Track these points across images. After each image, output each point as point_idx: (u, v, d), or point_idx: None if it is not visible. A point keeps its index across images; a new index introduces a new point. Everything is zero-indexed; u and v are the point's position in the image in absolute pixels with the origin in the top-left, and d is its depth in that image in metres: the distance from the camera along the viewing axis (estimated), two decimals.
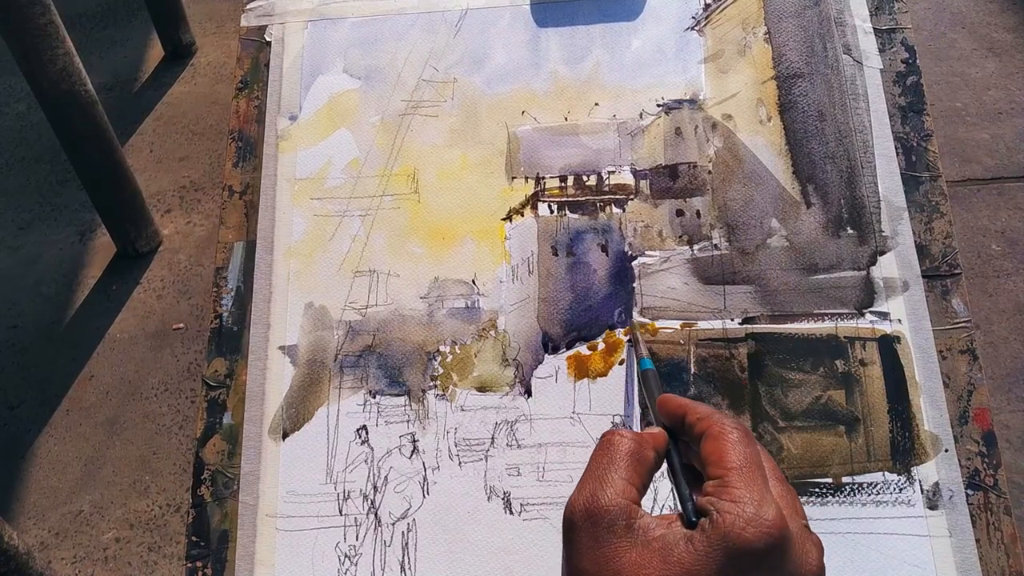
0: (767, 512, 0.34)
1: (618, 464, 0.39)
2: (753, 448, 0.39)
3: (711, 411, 0.42)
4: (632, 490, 0.38)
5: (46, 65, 2.00)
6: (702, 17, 0.79)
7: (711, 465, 0.38)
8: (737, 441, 0.39)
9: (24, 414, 2.12)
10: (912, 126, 0.73)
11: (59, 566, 1.83)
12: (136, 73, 3.04)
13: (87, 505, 1.93)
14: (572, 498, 0.39)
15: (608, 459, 0.40)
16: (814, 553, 0.36)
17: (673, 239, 0.72)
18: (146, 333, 2.26)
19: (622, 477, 0.39)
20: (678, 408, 0.43)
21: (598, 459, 0.40)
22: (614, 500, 0.37)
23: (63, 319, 2.32)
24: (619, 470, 0.39)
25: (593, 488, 0.38)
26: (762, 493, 0.36)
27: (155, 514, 1.89)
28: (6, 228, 2.57)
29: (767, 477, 0.38)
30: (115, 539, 1.86)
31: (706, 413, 0.42)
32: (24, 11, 1.90)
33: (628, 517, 0.37)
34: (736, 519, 0.34)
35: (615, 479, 0.38)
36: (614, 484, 0.38)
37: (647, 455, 0.41)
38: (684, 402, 0.44)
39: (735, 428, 0.40)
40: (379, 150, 0.78)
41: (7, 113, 2.95)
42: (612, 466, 0.39)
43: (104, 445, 2.04)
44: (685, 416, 0.42)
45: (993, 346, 2.00)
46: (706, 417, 0.41)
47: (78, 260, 2.47)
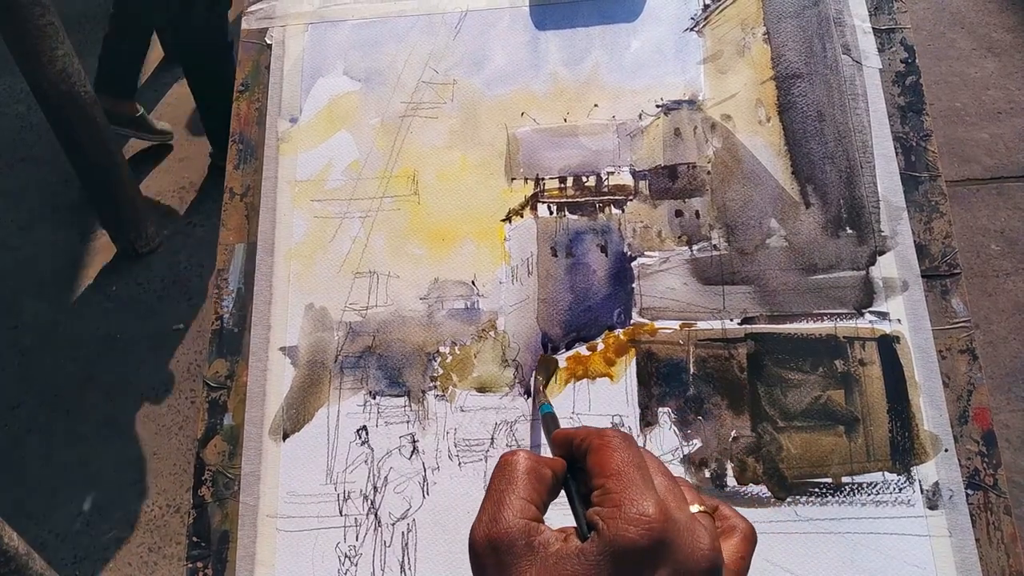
0: (646, 508, 0.35)
1: (516, 484, 0.40)
2: (631, 451, 0.39)
3: (591, 429, 0.43)
4: (531, 508, 0.39)
5: (46, 66, 1.99)
6: (701, 18, 0.79)
7: (593, 476, 0.39)
8: (615, 448, 0.39)
9: (24, 414, 2.12)
10: (911, 126, 0.73)
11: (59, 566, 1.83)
12: None
13: (87, 505, 1.93)
14: (473, 526, 0.39)
15: (505, 480, 0.40)
16: (705, 537, 0.36)
17: (672, 239, 0.72)
18: (146, 333, 2.26)
19: (520, 496, 0.39)
20: (564, 437, 0.44)
21: (495, 482, 0.40)
22: (513, 522, 0.38)
23: (63, 319, 2.32)
24: (517, 490, 0.39)
25: (492, 513, 0.38)
26: (640, 491, 0.36)
27: (155, 514, 1.90)
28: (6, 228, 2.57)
29: (649, 475, 0.38)
30: (115, 539, 1.86)
31: (585, 432, 0.42)
32: (24, 11, 1.90)
33: (528, 535, 0.37)
34: (617, 522, 0.35)
35: (513, 500, 0.39)
36: (512, 505, 0.38)
37: (545, 473, 0.41)
38: (568, 430, 0.45)
39: (613, 436, 0.40)
40: (379, 152, 0.78)
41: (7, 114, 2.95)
42: (509, 487, 0.39)
43: (104, 445, 2.04)
44: (572, 441, 0.43)
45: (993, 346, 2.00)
46: (586, 435, 0.42)
47: (78, 260, 2.47)
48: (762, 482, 0.65)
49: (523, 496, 0.39)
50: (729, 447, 0.66)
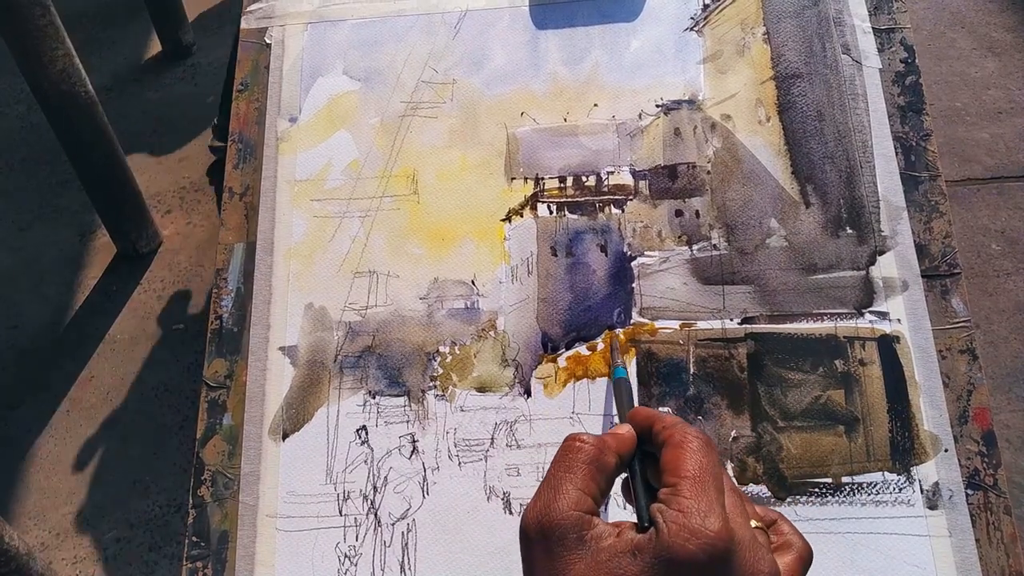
0: (712, 523, 0.35)
1: (575, 472, 0.39)
2: (711, 457, 0.39)
3: (677, 421, 0.42)
4: (587, 500, 0.38)
5: (46, 66, 1.99)
6: (701, 18, 0.79)
7: (667, 473, 0.38)
8: (696, 450, 0.39)
9: (24, 414, 2.12)
10: (911, 126, 0.73)
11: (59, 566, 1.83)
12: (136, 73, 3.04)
13: (87, 505, 1.93)
14: (526, 510, 0.39)
15: (565, 467, 0.39)
16: (766, 559, 0.36)
17: (672, 239, 0.72)
18: (146, 334, 2.26)
19: (577, 487, 0.38)
20: (646, 418, 0.43)
21: (556, 467, 0.40)
22: (566, 512, 0.37)
23: (63, 320, 2.32)
24: (575, 479, 0.39)
25: (547, 500, 0.38)
26: (710, 503, 0.36)
27: (155, 514, 1.89)
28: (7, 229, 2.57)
29: (722, 488, 0.38)
30: (115, 539, 1.86)
31: (671, 422, 0.42)
32: (24, 11, 1.90)
33: (580, 529, 0.37)
34: (680, 530, 0.35)
35: (569, 489, 0.38)
36: (568, 495, 0.38)
37: (607, 461, 0.40)
38: (652, 412, 0.44)
39: (696, 437, 0.40)
40: (379, 151, 0.78)
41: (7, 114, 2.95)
42: (568, 475, 0.39)
43: (104, 445, 2.04)
44: (652, 426, 0.42)
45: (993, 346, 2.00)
46: (671, 426, 0.41)
47: (78, 261, 2.47)
48: (762, 482, 0.65)
49: (580, 486, 0.38)
50: (729, 447, 0.66)
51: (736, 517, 0.36)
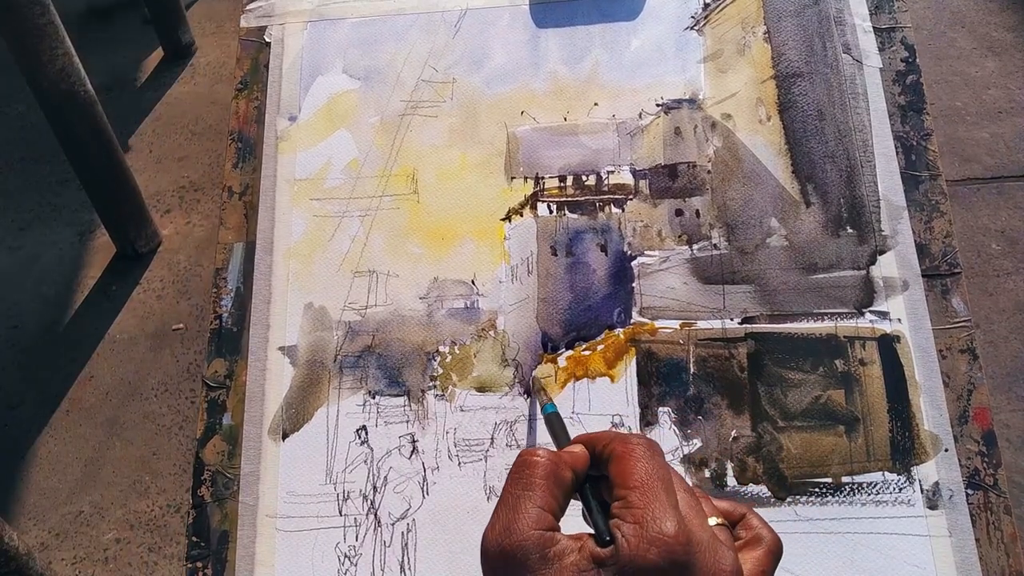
0: (667, 528, 0.34)
1: (532, 489, 0.38)
2: (655, 461, 0.38)
3: (615, 434, 0.41)
4: (547, 517, 0.37)
5: (46, 65, 1.99)
6: (701, 17, 0.79)
7: (616, 486, 0.38)
8: (640, 457, 0.38)
9: (24, 414, 2.12)
10: (912, 125, 0.73)
11: (59, 567, 1.83)
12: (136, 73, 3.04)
13: (87, 505, 1.93)
14: (485, 533, 0.37)
15: (522, 484, 0.38)
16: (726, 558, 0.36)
17: (672, 239, 0.72)
18: (146, 333, 2.26)
19: (536, 504, 0.37)
20: (587, 441, 0.43)
21: (512, 484, 0.39)
22: (527, 532, 0.36)
23: (63, 319, 2.32)
24: (533, 496, 0.38)
25: (506, 521, 0.37)
26: (663, 508, 0.35)
27: (155, 514, 1.89)
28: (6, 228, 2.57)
29: (672, 489, 0.37)
30: (115, 539, 1.86)
31: (610, 436, 0.41)
32: (24, 11, 1.90)
33: (543, 548, 0.36)
34: (639, 541, 0.34)
35: (528, 507, 0.37)
36: (528, 514, 0.37)
37: (564, 475, 0.40)
38: (590, 434, 0.43)
39: (637, 444, 0.39)
40: (378, 150, 0.78)
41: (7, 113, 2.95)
42: (526, 492, 0.38)
43: (104, 445, 2.04)
44: (595, 446, 0.42)
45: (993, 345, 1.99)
46: (611, 440, 0.41)
47: (78, 260, 2.47)
48: (762, 482, 0.65)
49: (539, 504, 0.38)
50: (729, 447, 0.66)
51: (692, 517, 0.36)
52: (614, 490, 0.38)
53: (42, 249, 2.51)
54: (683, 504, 0.37)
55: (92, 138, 2.16)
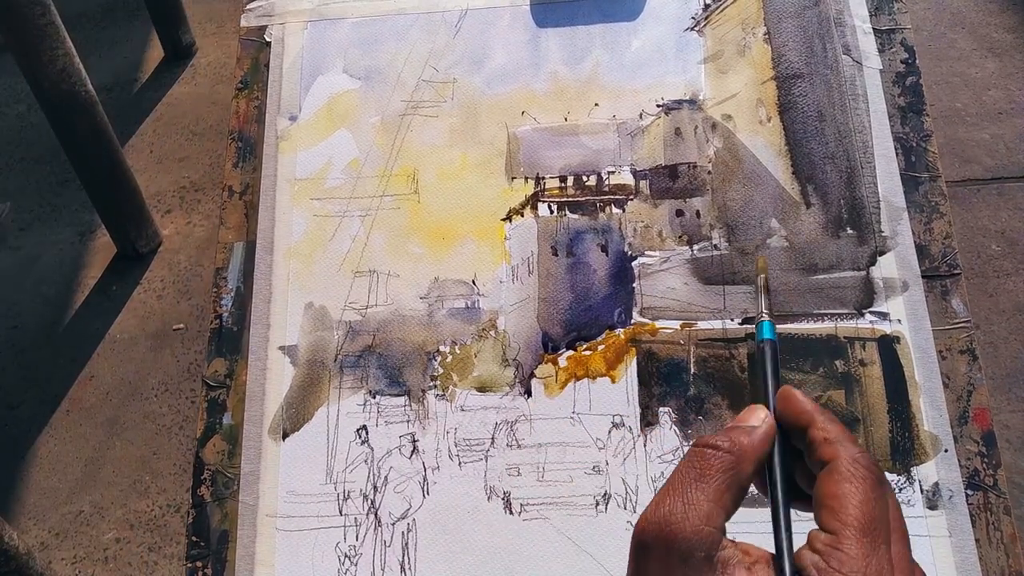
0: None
1: (708, 482, 0.34)
2: (882, 502, 0.33)
3: (841, 433, 0.35)
4: (719, 515, 0.33)
5: (46, 65, 1.99)
6: (702, 17, 0.79)
7: (826, 511, 0.32)
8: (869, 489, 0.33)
9: (24, 414, 2.12)
10: (912, 126, 0.73)
11: (59, 566, 1.83)
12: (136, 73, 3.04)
13: (87, 505, 1.93)
14: (648, 512, 0.34)
15: (696, 474, 0.34)
16: None
17: (673, 239, 0.72)
18: (146, 333, 2.26)
19: (710, 499, 0.33)
20: (801, 415, 0.37)
21: (684, 472, 0.34)
22: (695, 527, 0.32)
23: (63, 319, 2.32)
24: (707, 489, 0.33)
25: (672, 509, 0.33)
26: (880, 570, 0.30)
27: (155, 514, 1.89)
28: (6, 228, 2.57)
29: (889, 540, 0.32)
30: (115, 539, 1.86)
31: (836, 435, 0.35)
32: (24, 11, 1.90)
33: (709, 548, 0.32)
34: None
35: (701, 501, 0.33)
36: (698, 507, 0.33)
37: (745, 470, 0.35)
38: (810, 409, 0.37)
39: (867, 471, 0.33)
40: (379, 150, 0.78)
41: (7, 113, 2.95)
42: (699, 484, 0.34)
43: (104, 445, 2.03)
44: (809, 428, 0.36)
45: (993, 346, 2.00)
46: (835, 441, 0.35)
47: (78, 260, 2.47)
48: None
49: (713, 499, 0.33)
50: None
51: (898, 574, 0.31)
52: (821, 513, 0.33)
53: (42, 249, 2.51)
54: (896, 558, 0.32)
55: (92, 138, 2.16)
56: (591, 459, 0.66)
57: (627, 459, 0.66)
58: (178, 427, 2.05)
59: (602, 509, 0.65)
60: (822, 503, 0.33)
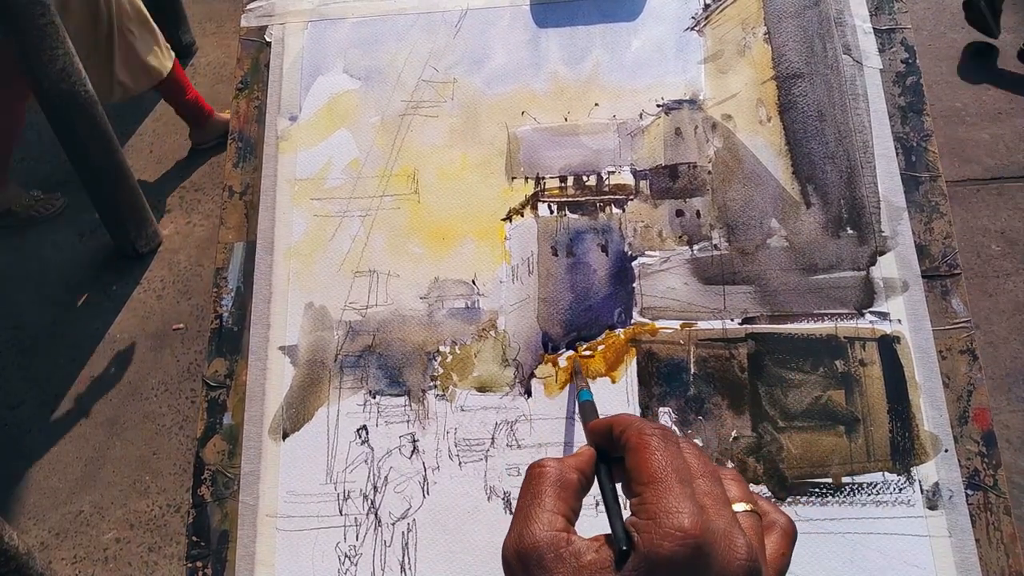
0: (682, 520, 0.35)
1: (541, 496, 0.39)
2: (669, 452, 0.38)
3: (631, 420, 0.41)
4: (558, 519, 0.38)
5: (46, 65, 1.99)
6: (702, 17, 0.79)
7: (632, 482, 0.38)
8: (655, 448, 0.38)
9: (24, 414, 2.12)
10: (912, 126, 0.73)
11: (59, 566, 1.83)
12: None
13: (87, 505, 1.93)
14: (504, 542, 0.39)
15: (532, 493, 0.40)
16: (741, 546, 0.36)
17: (673, 239, 0.72)
18: (146, 333, 2.26)
19: (547, 508, 0.39)
20: (603, 425, 0.43)
21: (523, 495, 0.40)
22: (540, 534, 0.37)
23: (63, 319, 2.32)
24: (543, 502, 0.39)
25: (520, 527, 0.38)
26: (678, 500, 0.35)
27: (155, 514, 1.89)
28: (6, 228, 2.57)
29: (689, 478, 0.37)
30: (115, 539, 1.86)
31: (626, 423, 0.41)
32: (24, 11, 1.90)
33: (556, 547, 0.37)
34: (652, 537, 0.35)
35: (539, 513, 0.38)
36: (539, 519, 0.38)
37: (570, 478, 0.40)
38: (609, 418, 0.43)
39: (652, 434, 0.39)
40: (379, 150, 0.78)
41: None
42: (536, 499, 0.39)
43: (104, 445, 2.04)
44: (611, 430, 0.42)
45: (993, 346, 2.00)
46: (627, 427, 0.41)
47: (78, 260, 2.47)
48: (762, 482, 0.65)
49: (549, 508, 0.39)
50: (730, 447, 0.66)
51: (709, 506, 0.36)
52: (631, 485, 0.38)
53: (42, 249, 2.51)
54: (701, 492, 0.37)
55: (92, 138, 2.16)
56: None
57: None
58: (178, 427, 2.05)
59: (601, 509, 0.65)
60: (629, 476, 0.38)
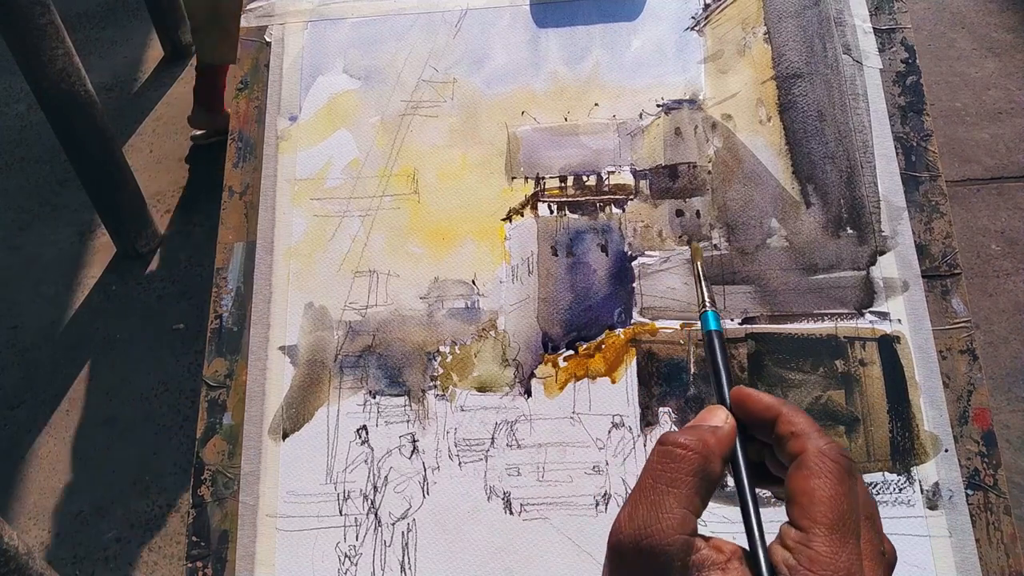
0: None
1: (680, 487, 0.34)
2: (851, 494, 0.33)
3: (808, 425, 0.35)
4: (692, 519, 0.33)
5: (46, 65, 1.99)
6: (702, 17, 0.79)
7: (797, 507, 0.33)
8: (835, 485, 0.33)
9: (24, 414, 2.12)
10: (912, 126, 0.73)
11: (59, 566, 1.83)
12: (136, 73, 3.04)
13: (87, 505, 1.93)
14: (622, 522, 0.34)
15: (667, 479, 0.34)
16: None
17: (673, 239, 0.72)
18: (146, 333, 2.26)
19: (682, 504, 0.33)
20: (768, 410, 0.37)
21: (655, 477, 0.34)
22: (671, 536, 0.32)
23: (63, 319, 2.32)
24: (679, 495, 0.33)
25: (648, 518, 0.33)
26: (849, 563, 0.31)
27: (155, 514, 1.89)
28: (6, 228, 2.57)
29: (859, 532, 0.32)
30: (115, 539, 1.86)
31: (802, 428, 0.35)
32: (24, 11, 1.90)
33: (685, 555, 0.32)
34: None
35: (674, 507, 0.33)
36: (673, 514, 0.33)
37: (714, 470, 0.35)
38: (774, 403, 0.37)
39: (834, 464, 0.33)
40: (379, 150, 0.78)
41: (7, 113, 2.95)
42: (671, 489, 0.34)
43: (104, 445, 2.03)
44: (776, 422, 0.36)
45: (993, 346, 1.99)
46: (802, 435, 0.35)
47: (78, 260, 2.47)
48: None
49: (686, 503, 0.33)
50: None
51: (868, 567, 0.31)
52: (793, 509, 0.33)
53: (42, 249, 2.51)
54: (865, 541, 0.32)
55: (92, 138, 2.16)
56: (591, 459, 0.66)
57: (627, 459, 0.66)
58: (178, 427, 2.05)
59: (602, 509, 0.65)
60: (793, 499, 0.33)
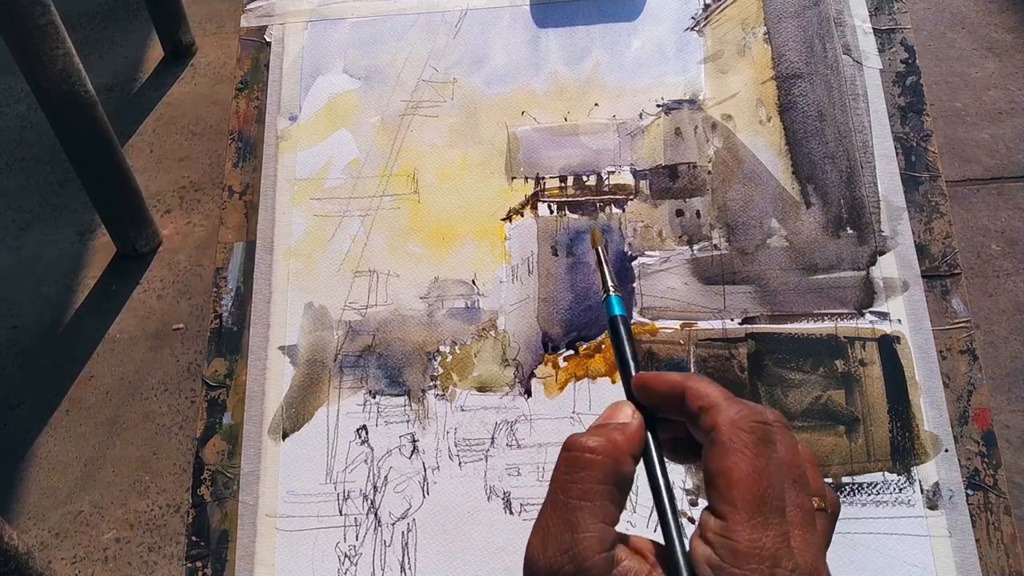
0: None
1: (592, 497, 0.30)
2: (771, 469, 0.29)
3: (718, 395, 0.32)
4: (610, 531, 0.30)
5: (46, 65, 1.99)
6: (702, 17, 0.79)
7: (715, 492, 0.29)
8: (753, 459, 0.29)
9: (24, 414, 2.12)
10: (912, 126, 0.73)
11: (59, 566, 1.83)
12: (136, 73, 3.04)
13: (87, 505, 1.93)
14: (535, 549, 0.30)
15: (579, 490, 0.30)
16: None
17: (673, 239, 0.72)
18: (146, 333, 2.26)
19: (598, 518, 0.30)
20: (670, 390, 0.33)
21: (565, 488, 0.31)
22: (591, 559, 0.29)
23: (63, 319, 2.32)
24: (594, 508, 0.30)
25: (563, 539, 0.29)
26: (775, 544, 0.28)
27: (155, 514, 1.89)
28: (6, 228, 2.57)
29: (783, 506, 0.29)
30: (115, 539, 1.86)
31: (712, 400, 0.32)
32: (24, 11, 1.90)
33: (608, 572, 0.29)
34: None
35: (590, 523, 0.30)
36: (590, 532, 0.29)
37: (625, 472, 0.31)
38: (678, 381, 0.33)
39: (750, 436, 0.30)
40: (379, 150, 0.78)
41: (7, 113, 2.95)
42: (585, 502, 0.30)
43: (104, 445, 2.03)
44: (684, 399, 0.33)
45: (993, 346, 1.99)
46: (712, 407, 0.31)
47: (78, 260, 2.47)
48: None
49: (602, 517, 0.30)
50: None
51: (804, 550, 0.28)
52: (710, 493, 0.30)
53: (42, 249, 2.51)
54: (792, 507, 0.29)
55: (92, 138, 2.16)
56: None
57: None
58: (178, 427, 2.05)
59: None
60: (710, 481, 0.30)
